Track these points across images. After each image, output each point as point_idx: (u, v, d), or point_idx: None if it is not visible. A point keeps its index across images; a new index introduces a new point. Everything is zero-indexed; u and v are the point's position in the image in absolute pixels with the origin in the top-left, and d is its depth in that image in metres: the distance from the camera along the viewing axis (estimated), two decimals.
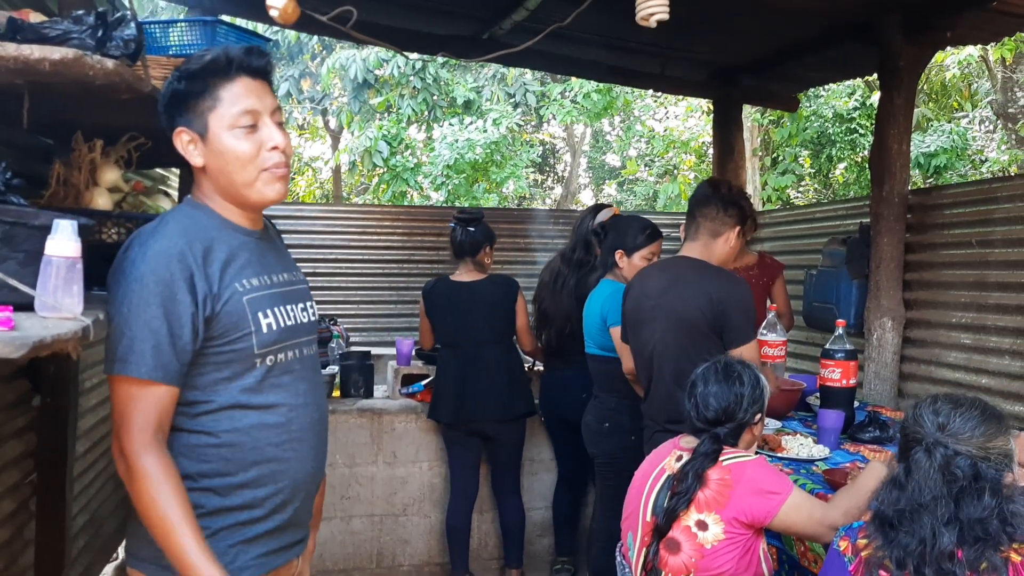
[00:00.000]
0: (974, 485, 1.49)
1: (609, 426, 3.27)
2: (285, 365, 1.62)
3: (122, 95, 1.68)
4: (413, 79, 10.45)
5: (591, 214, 3.80)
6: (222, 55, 1.54)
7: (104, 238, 2.04)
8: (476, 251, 3.78)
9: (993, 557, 1.43)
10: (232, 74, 1.54)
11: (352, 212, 5.82)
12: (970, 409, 1.58)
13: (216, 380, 1.55)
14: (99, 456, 3.57)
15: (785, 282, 4.08)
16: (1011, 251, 3.52)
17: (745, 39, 4.63)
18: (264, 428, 1.58)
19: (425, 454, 4.06)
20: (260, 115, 1.56)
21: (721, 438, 2.14)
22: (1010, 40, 8.49)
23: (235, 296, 1.54)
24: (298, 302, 1.70)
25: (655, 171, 13.79)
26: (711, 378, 2.22)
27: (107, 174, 2.12)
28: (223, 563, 1.51)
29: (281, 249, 1.78)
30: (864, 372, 4.02)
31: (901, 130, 3.97)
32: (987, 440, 1.54)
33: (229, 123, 1.54)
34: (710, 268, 2.75)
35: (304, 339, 1.70)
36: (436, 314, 3.83)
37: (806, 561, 2.43)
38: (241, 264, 1.58)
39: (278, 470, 1.60)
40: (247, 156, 1.55)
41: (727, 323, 2.64)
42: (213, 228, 1.59)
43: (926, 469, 1.53)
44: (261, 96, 1.57)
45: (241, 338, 1.54)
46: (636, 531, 2.23)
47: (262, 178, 1.57)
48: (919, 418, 1.60)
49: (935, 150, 9.44)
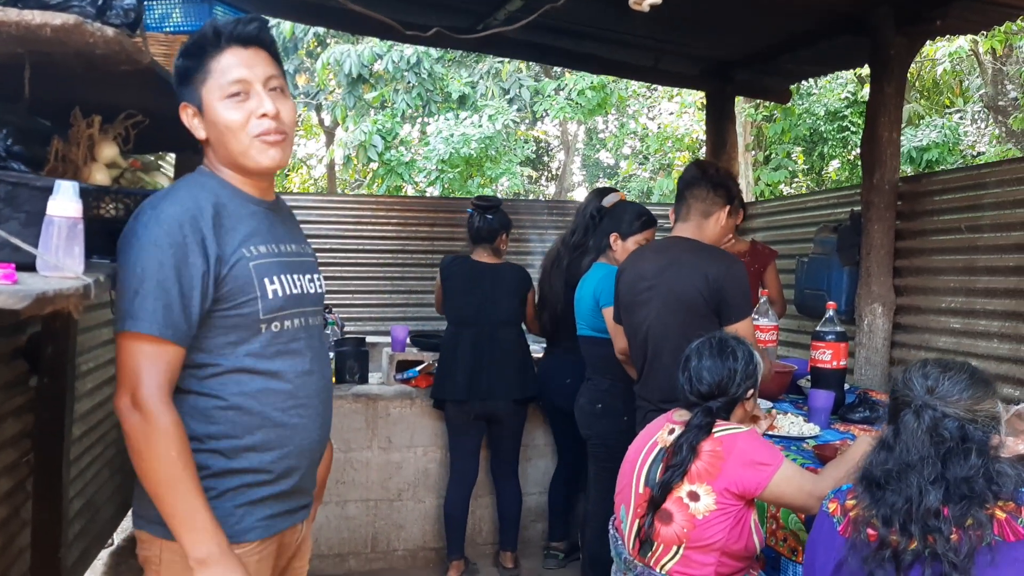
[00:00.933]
0: (961, 446, 1.52)
1: (602, 408, 3.30)
2: (291, 332, 1.65)
3: (121, 66, 1.69)
4: (408, 74, 10.47)
5: (596, 197, 3.82)
6: (209, 27, 1.58)
7: (102, 213, 2.05)
8: (494, 238, 3.84)
9: (978, 514, 1.45)
10: (222, 45, 1.58)
11: (347, 202, 5.84)
12: (959, 373, 1.60)
13: (223, 344, 1.57)
14: (95, 441, 3.59)
15: (777, 270, 4.12)
16: (999, 235, 3.56)
17: (739, 33, 4.66)
18: (270, 393, 1.60)
19: (420, 439, 4.08)
20: (251, 83, 1.58)
21: (714, 411, 2.17)
22: (1000, 32, 8.54)
23: (242, 261, 1.57)
24: (305, 273, 1.73)
25: (649, 167, 13.82)
26: (705, 353, 2.25)
27: (105, 150, 2.12)
28: (230, 523, 1.55)
29: (291, 222, 1.82)
30: (855, 358, 4.06)
31: (891, 119, 4.01)
32: (975, 403, 1.56)
33: (219, 94, 1.57)
34: (705, 248, 2.79)
35: (310, 309, 1.73)
36: (453, 290, 3.86)
37: (774, 540, 2.47)
38: (250, 230, 1.61)
39: (284, 435, 1.62)
40: (238, 124, 1.58)
41: (723, 301, 2.67)
42: (224, 195, 1.62)
43: (914, 430, 1.55)
44: (252, 65, 1.59)
45: (247, 303, 1.57)
46: (629, 504, 2.26)
47: (254, 145, 1.59)
48: (908, 381, 1.62)
49: (927, 144, 9.50)
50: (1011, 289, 3.47)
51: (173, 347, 1.50)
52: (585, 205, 3.85)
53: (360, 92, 10.93)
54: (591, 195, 3.91)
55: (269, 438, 1.60)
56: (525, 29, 4.64)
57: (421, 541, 4.13)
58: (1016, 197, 3.49)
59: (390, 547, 4.09)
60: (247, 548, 1.59)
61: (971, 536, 1.45)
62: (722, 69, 5.31)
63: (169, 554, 1.57)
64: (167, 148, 3.58)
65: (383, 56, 10.24)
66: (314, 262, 1.81)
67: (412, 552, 4.13)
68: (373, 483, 4.03)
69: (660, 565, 2.15)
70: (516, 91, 11.57)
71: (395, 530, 4.09)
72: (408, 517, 4.11)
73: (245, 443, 1.58)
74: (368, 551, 4.07)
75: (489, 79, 11.66)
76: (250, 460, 1.59)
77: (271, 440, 1.61)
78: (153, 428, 1.46)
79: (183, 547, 1.47)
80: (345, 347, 4.16)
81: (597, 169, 16.28)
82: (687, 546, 2.09)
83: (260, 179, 1.68)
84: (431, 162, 10.75)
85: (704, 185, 2.83)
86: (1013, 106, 10.06)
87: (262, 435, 1.60)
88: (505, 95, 11.61)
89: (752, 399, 2.29)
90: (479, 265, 3.82)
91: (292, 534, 1.73)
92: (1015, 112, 9.95)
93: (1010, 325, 3.47)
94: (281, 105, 1.62)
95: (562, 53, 5.20)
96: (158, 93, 2.11)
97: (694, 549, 2.09)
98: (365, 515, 4.05)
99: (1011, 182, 3.53)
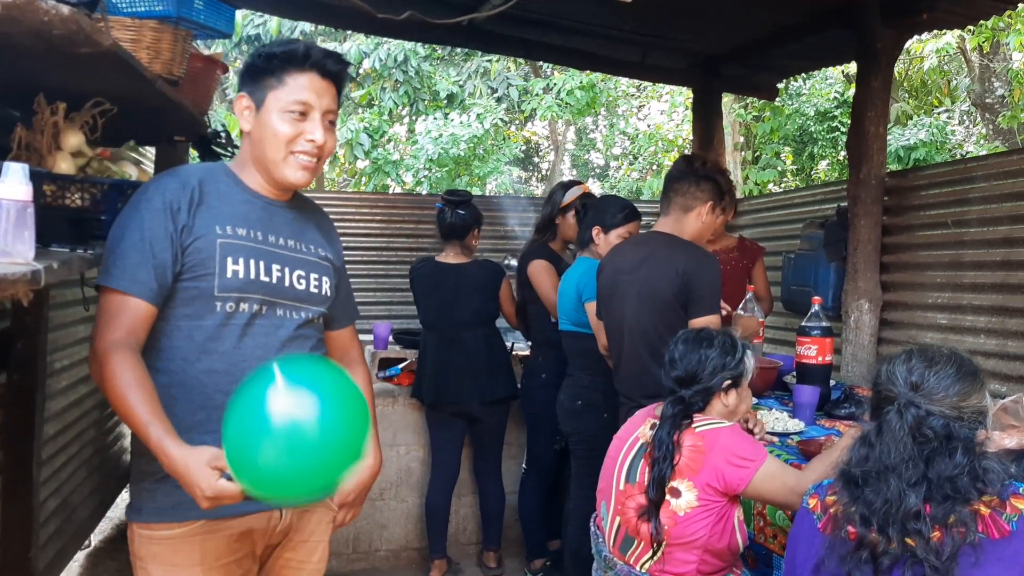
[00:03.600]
0: (946, 445, 1.46)
1: (582, 404, 3.25)
2: (248, 316, 1.67)
3: (81, 48, 1.64)
4: (395, 72, 10.41)
5: (561, 190, 3.80)
6: (302, 47, 1.71)
7: (68, 203, 2.01)
8: (464, 233, 3.77)
9: (962, 511, 1.40)
10: (305, 67, 1.70)
11: (331, 199, 5.77)
12: (945, 367, 1.53)
13: (179, 316, 1.64)
14: (71, 440, 3.52)
15: (765, 266, 4.09)
16: (986, 230, 3.53)
17: (726, 28, 4.63)
18: (214, 374, 1.62)
19: (403, 438, 4.03)
20: (312, 109, 1.71)
21: (686, 400, 2.11)
22: (986, 28, 8.55)
23: (209, 235, 1.65)
24: (298, 269, 1.78)
25: (638, 167, 13.80)
26: (681, 340, 2.22)
27: (70, 138, 2.07)
28: (170, 502, 1.60)
29: (305, 222, 1.86)
30: (841, 354, 4.03)
31: (878, 114, 3.98)
32: (961, 399, 1.50)
33: (282, 106, 1.69)
34: (680, 243, 2.74)
35: (287, 302, 1.75)
36: (420, 295, 3.81)
37: (763, 537, 2.43)
38: (233, 213, 1.70)
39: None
40: (285, 137, 1.69)
41: (691, 295, 2.63)
42: (222, 182, 1.74)
43: (896, 430, 1.49)
44: (321, 95, 1.72)
45: (204, 276, 1.63)
46: (610, 501, 2.21)
47: (289, 160, 1.71)
48: (892, 375, 1.56)
49: (915, 143, 9.50)
50: (998, 284, 3.44)
51: (139, 302, 1.58)
52: (549, 197, 3.85)
53: (347, 90, 10.87)
54: (555, 189, 3.89)
55: (211, 419, 1.60)
56: (511, 24, 4.61)
57: (404, 541, 4.08)
58: (1002, 191, 3.46)
59: (372, 547, 4.04)
60: (193, 525, 1.63)
61: (954, 535, 1.39)
62: (709, 64, 5.28)
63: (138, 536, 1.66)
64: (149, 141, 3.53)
65: (370, 54, 10.18)
66: (318, 263, 1.85)
67: (395, 552, 4.07)
68: None
69: (641, 563, 2.10)
70: (504, 90, 11.52)
71: (377, 530, 4.04)
72: (390, 517, 4.06)
73: (187, 422, 1.60)
74: (350, 551, 4.02)
75: (477, 78, 11.61)
76: (191, 440, 1.57)
77: (213, 421, 1.59)
78: (107, 368, 1.51)
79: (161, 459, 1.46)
80: None
81: (587, 169, 16.25)
82: (668, 543, 2.05)
83: (276, 186, 1.78)
84: (419, 161, 10.69)
85: (688, 179, 2.78)
86: (1000, 103, 10.07)
87: (203, 415, 1.62)
88: (493, 94, 11.56)
89: (735, 394, 2.21)
90: (442, 266, 3.77)
91: (260, 520, 1.72)
92: (1003, 110, 9.96)
93: (997, 320, 3.44)
94: (328, 137, 1.74)
95: (549, 49, 5.15)
96: (127, 80, 2.05)
97: (675, 546, 2.04)
98: None
99: (997, 176, 3.50)
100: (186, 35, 2.30)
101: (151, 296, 1.59)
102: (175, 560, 1.63)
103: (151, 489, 1.65)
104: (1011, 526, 1.40)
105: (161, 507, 1.63)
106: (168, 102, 2.21)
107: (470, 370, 3.70)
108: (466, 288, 3.73)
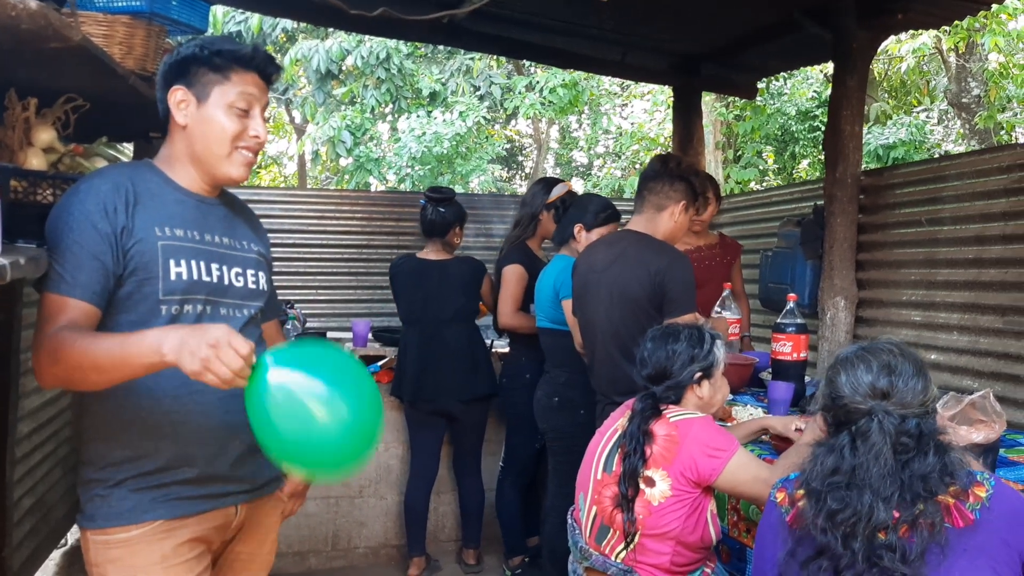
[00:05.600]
0: (920, 446, 1.45)
1: (559, 401, 3.27)
2: (193, 317, 1.66)
3: (51, 43, 1.63)
4: (377, 69, 10.39)
5: (543, 189, 3.80)
6: (251, 50, 1.73)
7: (39, 199, 2.00)
8: (446, 231, 3.76)
9: (929, 506, 1.40)
10: (250, 66, 1.72)
11: (311, 197, 5.75)
12: (904, 364, 1.51)
13: (123, 323, 1.60)
14: (46, 439, 3.50)
15: (741, 265, 4.12)
16: (959, 227, 3.57)
17: (704, 27, 4.64)
18: (162, 378, 1.58)
19: (381, 435, 4.02)
20: (255, 106, 1.73)
21: (658, 396, 2.16)
22: (962, 28, 8.63)
23: (149, 237, 1.62)
24: (235, 266, 1.77)
25: (620, 165, 13.83)
26: (650, 337, 2.26)
27: (42, 134, 2.06)
28: (126, 505, 1.60)
29: (237, 219, 1.86)
30: (818, 352, 4.06)
31: (854, 113, 4.01)
32: (925, 395, 1.50)
33: (230, 101, 1.69)
34: (652, 242, 2.75)
35: (231, 301, 1.75)
36: (401, 291, 3.81)
37: (737, 531, 2.45)
38: (168, 213, 1.68)
39: (177, 421, 1.63)
40: (231, 132, 1.69)
41: (666, 295, 2.64)
42: (151, 181, 1.70)
43: (877, 444, 1.45)
44: (262, 93, 1.75)
45: (148, 280, 1.61)
46: (587, 492, 2.23)
47: (233, 156, 1.71)
48: (857, 387, 1.51)
49: (894, 142, 9.57)
50: (970, 281, 3.48)
51: (80, 304, 1.55)
52: (532, 195, 3.83)
53: (329, 88, 10.84)
54: (537, 186, 3.88)
55: (162, 423, 1.61)
56: (491, 22, 4.61)
57: (383, 538, 4.08)
58: (975, 189, 3.50)
59: (351, 544, 4.04)
60: (151, 526, 1.62)
61: (921, 531, 1.39)
62: (689, 63, 5.30)
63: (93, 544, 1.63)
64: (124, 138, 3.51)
65: (352, 52, 10.15)
66: (255, 259, 1.84)
67: (374, 549, 4.07)
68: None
69: (616, 553, 2.12)
70: (487, 88, 11.52)
71: (356, 527, 4.04)
72: (370, 514, 4.05)
73: (138, 429, 1.60)
74: (329, 549, 4.01)
75: (460, 76, 11.60)
76: (144, 447, 1.61)
77: (164, 425, 1.62)
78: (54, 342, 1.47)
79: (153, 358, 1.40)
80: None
81: (570, 168, 16.26)
82: (643, 534, 2.07)
83: (212, 182, 1.76)
84: (402, 159, 10.66)
85: (662, 178, 2.79)
86: (977, 103, 10.17)
87: (154, 420, 1.61)
88: (476, 92, 11.55)
89: (708, 385, 2.24)
90: (425, 263, 3.76)
91: (216, 518, 1.71)
92: (979, 109, 10.05)
93: (969, 317, 3.48)
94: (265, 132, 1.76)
95: (529, 47, 5.15)
96: (100, 76, 2.04)
97: (650, 537, 2.07)
98: (326, 512, 3.99)
99: (970, 174, 3.54)
100: (160, 31, 2.30)
101: (95, 299, 1.56)
102: (134, 563, 1.62)
103: (104, 495, 1.62)
104: (975, 515, 1.41)
105: (117, 511, 1.62)
106: (142, 98, 2.20)
107: (451, 367, 3.70)
108: (448, 285, 3.72)
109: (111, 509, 1.62)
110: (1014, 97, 9.70)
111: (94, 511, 1.64)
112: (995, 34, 8.60)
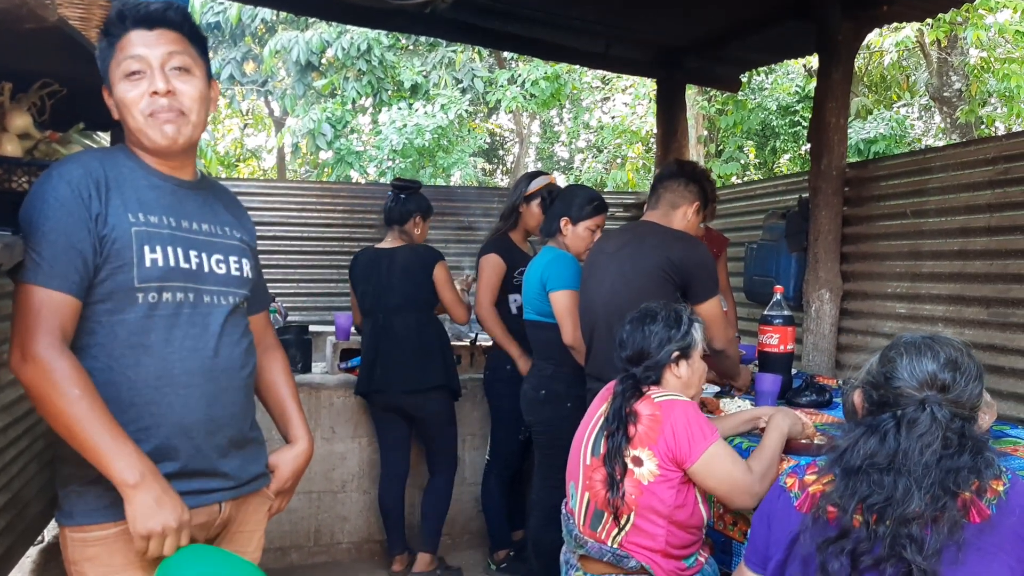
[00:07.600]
0: (960, 445, 1.41)
1: (545, 394, 3.24)
2: (172, 306, 1.61)
3: (26, 23, 1.59)
4: (358, 61, 10.30)
5: (525, 181, 3.78)
6: (115, 10, 1.63)
7: (13, 186, 1.94)
8: (404, 220, 3.69)
9: (952, 502, 1.36)
10: (127, 27, 1.61)
11: (292, 189, 5.70)
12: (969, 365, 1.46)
13: (100, 312, 1.57)
14: (21, 434, 3.43)
15: (727, 258, 4.12)
16: (944, 220, 3.58)
17: (689, 20, 4.63)
18: (141, 368, 1.56)
19: (364, 430, 3.98)
20: (148, 62, 1.61)
21: (638, 377, 2.19)
22: (944, 22, 8.68)
23: (123, 224, 1.57)
24: (214, 253, 1.71)
25: (602, 159, 13.84)
26: (627, 321, 2.30)
27: (17, 120, 2.01)
28: (106, 502, 1.55)
29: (216, 205, 1.80)
30: (803, 344, 4.07)
31: (839, 105, 4.02)
32: (978, 402, 1.46)
33: (121, 71, 1.61)
34: (670, 231, 2.83)
35: (211, 288, 1.69)
36: (357, 282, 3.76)
37: (723, 524, 2.44)
38: (143, 200, 1.63)
39: (157, 413, 1.58)
40: (132, 102, 1.61)
41: (691, 281, 2.71)
42: (124, 165, 1.65)
43: (928, 431, 1.40)
44: (152, 45, 1.62)
45: (123, 267, 1.56)
46: (578, 480, 2.24)
47: (148, 123, 1.62)
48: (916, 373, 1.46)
49: (875, 137, 9.63)
50: (955, 273, 3.49)
51: (63, 296, 1.51)
52: (515, 188, 3.83)
53: (310, 80, 10.74)
54: (521, 179, 3.86)
55: (141, 415, 1.57)
56: (474, 12, 4.56)
57: (366, 533, 4.04)
58: (959, 181, 3.52)
59: (334, 540, 4.00)
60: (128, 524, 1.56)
61: (940, 526, 1.35)
62: (672, 56, 5.29)
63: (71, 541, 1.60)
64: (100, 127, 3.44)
65: (332, 43, 10.06)
66: (236, 246, 1.78)
67: (356, 544, 4.03)
68: (316, 474, 3.92)
69: (612, 538, 2.13)
70: (469, 81, 11.46)
71: (339, 522, 4.00)
72: (352, 509, 4.01)
73: (118, 421, 1.53)
74: (311, 544, 3.97)
75: (442, 68, 11.53)
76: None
77: (143, 417, 1.57)
78: (49, 375, 1.45)
79: (112, 478, 1.46)
80: (287, 335, 4.04)
81: (552, 162, 16.25)
82: (636, 514, 2.10)
83: (169, 157, 1.69)
84: (383, 152, 10.59)
85: (677, 178, 2.91)
86: (958, 97, 10.25)
87: (134, 412, 1.56)
88: (458, 85, 11.49)
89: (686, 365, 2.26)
90: (378, 253, 3.69)
91: (200, 515, 1.65)
92: (960, 104, 10.13)
93: (954, 309, 3.49)
94: (181, 83, 1.63)
95: (511, 38, 5.11)
96: (76, 60, 1.99)
97: (643, 517, 2.09)
98: (308, 507, 3.94)
99: (954, 167, 3.56)
100: None
101: (74, 289, 1.52)
102: (112, 561, 1.58)
103: (81, 491, 1.58)
104: (991, 509, 1.38)
105: (94, 508, 1.58)
106: None
107: (398, 358, 3.58)
108: (396, 272, 3.62)
109: (88, 506, 1.58)
110: (995, 91, 9.78)
111: (72, 507, 1.60)
112: (977, 28, 8.67)
